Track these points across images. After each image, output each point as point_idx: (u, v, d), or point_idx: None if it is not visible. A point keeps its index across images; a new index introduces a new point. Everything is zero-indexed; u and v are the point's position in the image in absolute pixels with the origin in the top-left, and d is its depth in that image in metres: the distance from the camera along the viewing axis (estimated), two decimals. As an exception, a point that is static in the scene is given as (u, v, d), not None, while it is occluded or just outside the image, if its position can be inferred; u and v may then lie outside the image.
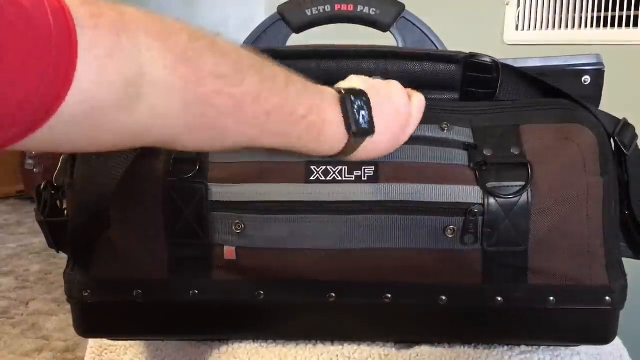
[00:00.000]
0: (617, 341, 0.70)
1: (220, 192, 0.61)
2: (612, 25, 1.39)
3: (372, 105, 0.54)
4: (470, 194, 0.60)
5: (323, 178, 0.61)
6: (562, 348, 0.68)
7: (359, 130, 0.53)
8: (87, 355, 0.74)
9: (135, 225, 0.62)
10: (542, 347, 0.67)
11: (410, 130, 0.60)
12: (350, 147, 0.54)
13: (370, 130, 0.54)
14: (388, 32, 0.73)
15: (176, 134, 0.41)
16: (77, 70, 0.32)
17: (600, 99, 0.68)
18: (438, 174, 0.61)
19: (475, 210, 0.60)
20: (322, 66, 0.66)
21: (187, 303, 0.64)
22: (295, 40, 0.73)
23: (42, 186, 0.66)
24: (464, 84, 0.67)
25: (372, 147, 0.56)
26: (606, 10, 1.40)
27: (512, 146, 0.62)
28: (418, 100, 0.60)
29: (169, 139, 0.42)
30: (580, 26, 1.45)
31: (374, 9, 0.71)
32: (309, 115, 0.49)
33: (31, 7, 0.30)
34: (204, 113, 0.40)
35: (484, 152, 0.61)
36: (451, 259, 0.61)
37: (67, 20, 0.31)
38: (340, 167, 0.61)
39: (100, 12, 0.33)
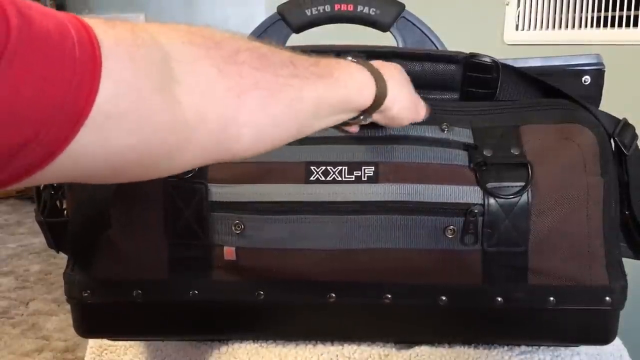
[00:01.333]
0: (617, 341, 0.70)
1: (220, 192, 0.61)
2: (612, 25, 1.38)
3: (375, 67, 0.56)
4: (470, 194, 0.60)
5: (323, 178, 0.61)
6: (562, 348, 0.68)
7: (359, 55, 0.54)
8: (87, 355, 0.74)
9: (135, 225, 0.62)
10: (542, 347, 0.67)
11: (424, 106, 0.62)
12: (377, 78, 0.53)
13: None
14: (388, 32, 0.73)
15: (230, 111, 0.40)
16: (109, 62, 0.32)
17: (600, 99, 0.68)
18: (438, 174, 0.61)
19: (475, 211, 0.60)
20: (322, 66, 0.66)
21: (187, 303, 0.64)
22: (295, 40, 0.73)
23: (41, 186, 0.65)
24: (464, 84, 0.67)
25: (398, 94, 0.56)
26: (606, 10, 1.40)
27: (512, 146, 0.62)
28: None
29: (228, 122, 0.40)
30: (580, 26, 1.45)
31: (374, 9, 0.71)
32: (320, 60, 0.49)
33: (54, 18, 0.32)
34: (238, 72, 0.40)
35: (484, 153, 0.61)
36: (451, 260, 0.61)
37: (87, 29, 0.33)
38: (340, 168, 0.61)
39: (112, 20, 0.35)
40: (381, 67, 0.56)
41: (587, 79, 0.67)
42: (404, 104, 0.58)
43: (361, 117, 0.54)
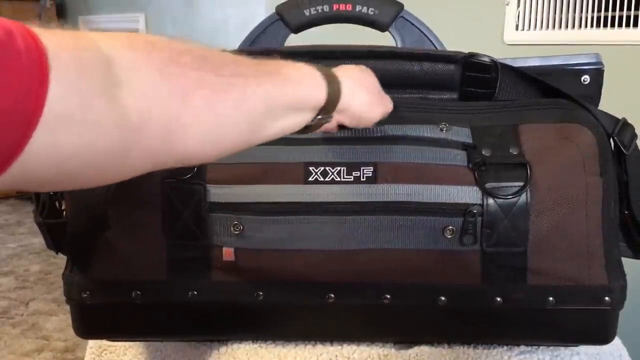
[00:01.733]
0: (616, 341, 0.70)
1: (218, 193, 0.61)
2: (612, 25, 1.38)
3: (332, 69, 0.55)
4: (469, 194, 0.60)
5: (322, 179, 0.61)
6: (562, 348, 0.68)
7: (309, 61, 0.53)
8: (87, 356, 0.74)
9: (134, 226, 0.62)
10: (541, 347, 0.67)
11: (390, 99, 0.61)
12: (328, 76, 0.52)
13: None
14: (387, 32, 0.73)
15: (175, 112, 0.40)
16: (55, 67, 0.33)
17: (599, 99, 0.68)
18: (437, 175, 0.60)
19: (474, 211, 0.59)
20: (321, 66, 0.66)
21: (186, 304, 0.63)
22: (294, 40, 0.73)
23: (40, 187, 0.65)
24: (463, 84, 0.67)
25: (354, 90, 0.55)
26: (606, 10, 1.40)
27: (511, 146, 0.62)
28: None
29: (173, 123, 0.40)
30: (580, 26, 1.45)
31: (373, 9, 0.71)
32: (265, 60, 0.49)
33: (1, 27, 0.33)
34: (180, 73, 0.41)
35: (483, 152, 0.61)
36: (450, 260, 0.61)
37: (33, 36, 0.34)
38: (338, 168, 0.61)
39: (53, 29, 0.36)
40: (336, 68, 0.55)
41: (586, 78, 0.67)
42: (365, 100, 0.57)
43: (320, 117, 0.52)
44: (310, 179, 0.61)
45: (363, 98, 0.57)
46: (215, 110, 0.42)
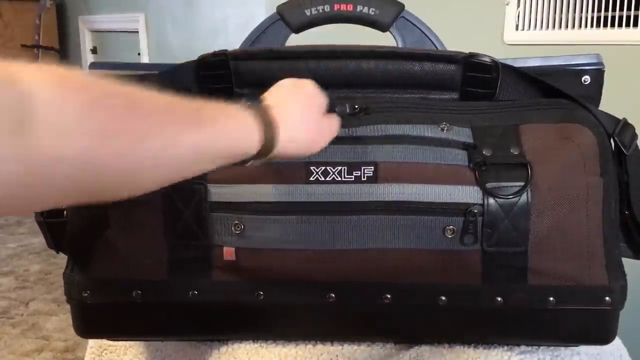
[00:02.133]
0: (617, 341, 0.70)
1: (219, 192, 0.61)
2: (612, 25, 1.38)
3: (271, 93, 0.55)
4: (470, 194, 0.60)
5: (322, 178, 0.61)
6: (562, 348, 0.68)
7: (248, 101, 0.52)
8: (87, 355, 0.74)
9: (134, 226, 0.62)
10: (542, 347, 0.67)
11: (335, 123, 0.60)
12: (266, 124, 0.51)
13: (259, 101, 0.54)
14: (388, 32, 0.73)
15: (92, 153, 0.40)
16: None
17: (600, 99, 0.68)
18: (437, 174, 0.60)
19: (475, 211, 0.59)
20: (322, 66, 0.66)
21: (186, 303, 0.64)
22: (295, 40, 0.73)
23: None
24: (464, 84, 0.67)
25: (292, 136, 0.54)
26: (606, 10, 1.40)
27: (511, 146, 0.62)
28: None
29: (89, 164, 0.40)
30: (580, 26, 1.45)
31: (374, 9, 0.71)
32: (205, 106, 0.48)
33: None
34: (105, 115, 0.40)
35: (484, 152, 0.61)
36: (451, 260, 0.61)
37: None
38: (339, 168, 0.61)
39: None
40: (279, 103, 0.54)
41: (586, 78, 0.67)
42: (302, 142, 0.56)
43: (251, 162, 0.52)
44: (311, 178, 0.61)
45: (300, 140, 0.56)
46: (136, 155, 0.42)
